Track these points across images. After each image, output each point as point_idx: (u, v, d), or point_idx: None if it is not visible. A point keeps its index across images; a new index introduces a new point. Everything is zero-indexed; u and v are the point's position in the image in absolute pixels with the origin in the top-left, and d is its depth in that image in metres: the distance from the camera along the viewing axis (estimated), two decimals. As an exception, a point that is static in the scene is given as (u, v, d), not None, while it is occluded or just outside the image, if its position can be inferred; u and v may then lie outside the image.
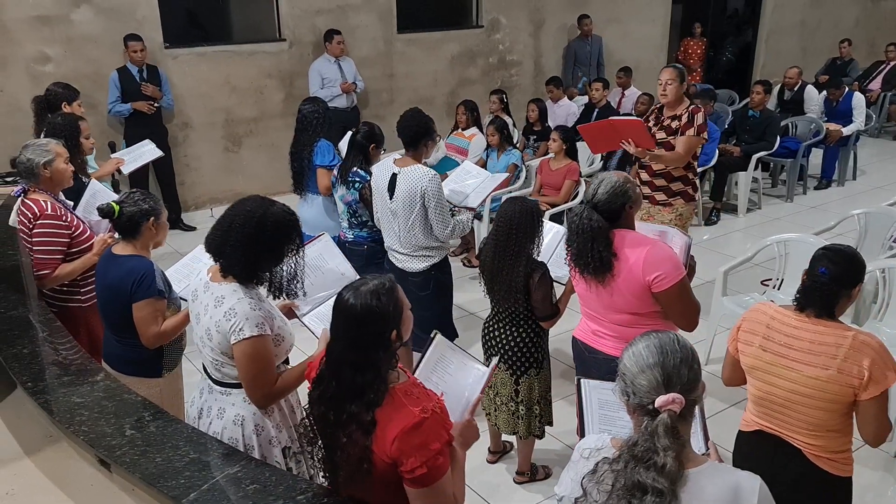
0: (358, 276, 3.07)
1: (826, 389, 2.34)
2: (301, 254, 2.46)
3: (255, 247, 2.34)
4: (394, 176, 3.82)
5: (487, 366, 2.34)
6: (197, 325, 2.48)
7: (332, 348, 1.90)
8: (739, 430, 2.68)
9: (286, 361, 2.58)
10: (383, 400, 1.83)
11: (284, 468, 2.50)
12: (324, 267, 3.06)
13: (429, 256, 3.90)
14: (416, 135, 3.83)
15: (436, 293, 3.97)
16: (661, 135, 4.76)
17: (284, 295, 2.46)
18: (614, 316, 2.92)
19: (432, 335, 2.42)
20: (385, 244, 4.05)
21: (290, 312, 2.81)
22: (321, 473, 1.99)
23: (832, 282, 2.38)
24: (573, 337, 3.21)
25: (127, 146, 5.80)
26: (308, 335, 2.87)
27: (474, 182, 4.31)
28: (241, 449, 2.44)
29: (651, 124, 4.88)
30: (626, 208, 2.85)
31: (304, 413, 1.98)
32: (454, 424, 1.99)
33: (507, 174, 5.71)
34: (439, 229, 3.80)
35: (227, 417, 2.47)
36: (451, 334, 4.17)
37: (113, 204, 2.86)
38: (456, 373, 2.32)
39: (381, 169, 3.94)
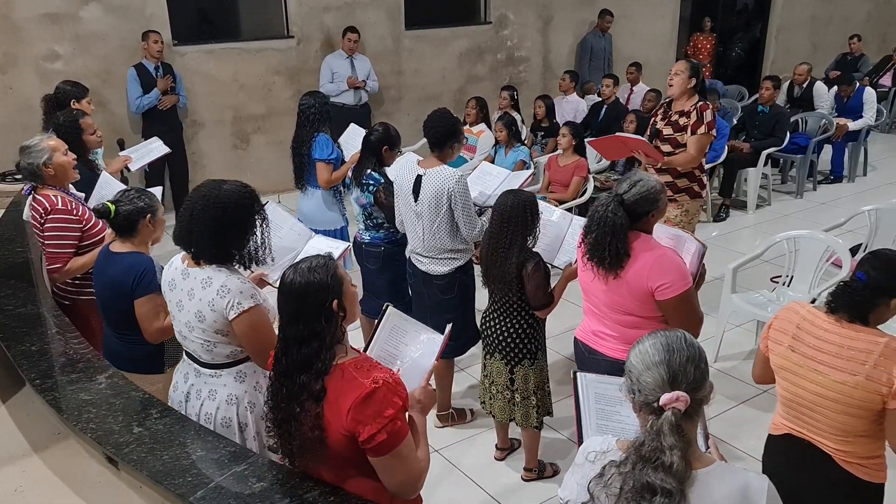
0: (310, 232, 3.22)
1: (853, 395, 2.26)
2: (266, 223, 2.51)
3: (220, 228, 2.39)
4: (419, 178, 3.76)
5: (443, 334, 2.39)
6: (179, 312, 2.51)
7: (280, 326, 2.01)
8: (769, 434, 2.62)
9: None
10: (330, 368, 1.93)
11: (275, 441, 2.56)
12: (279, 232, 3.15)
13: (453, 259, 3.85)
14: (444, 135, 3.76)
15: (460, 295, 3.93)
16: (668, 130, 4.72)
17: (255, 264, 2.51)
18: (617, 316, 2.89)
19: (384, 307, 2.49)
20: (409, 247, 4.01)
21: (261, 283, 2.91)
22: (279, 448, 2.06)
23: (867, 288, 2.29)
24: (574, 338, 3.18)
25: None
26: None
27: (496, 181, 4.27)
28: (236, 427, 2.52)
29: (658, 118, 4.84)
30: (650, 215, 2.80)
31: (267, 395, 2.07)
32: (412, 391, 2.08)
33: (531, 171, 5.67)
34: (467, 230, 3.75)
35: (220, 398, 2.53)
36: (475, 336, 4.14)
37: (108, 203, 2.85)
38: (411, 343, 2.41)
39: (405, 171, 3.88)
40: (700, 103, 4.64)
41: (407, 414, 2.01)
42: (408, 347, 2.40)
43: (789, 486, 2.45)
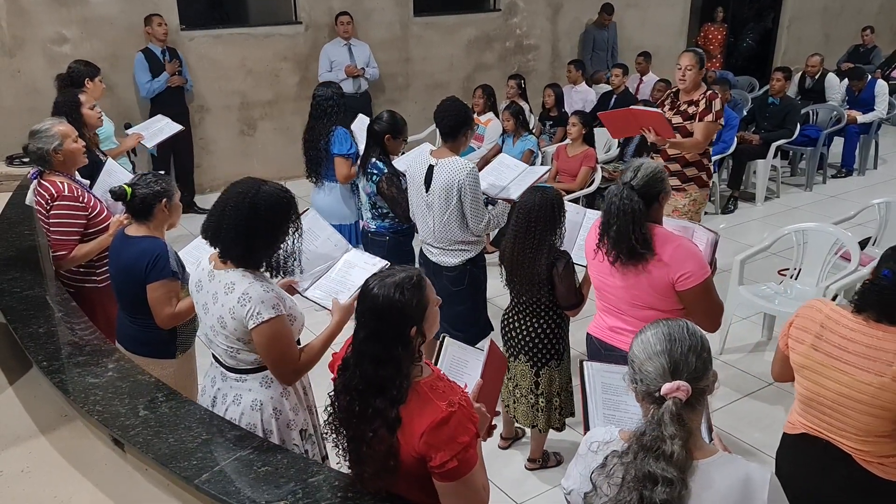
0: (347, 244, 3.11)
1: (878, 396, 2.19)
2: (299, 231, 2.41)
3: (250, 229, 2.30)
4: (430, 168, 3.72)
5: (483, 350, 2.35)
6: (205, 315, 2.43)
7: (356, 336, 1.87)
8: (784, 433, 2.56)
9: (297, 342, 2.56)
10: (406, 397, 1.80)
11: (301, 450, 2.50)
12: (315, 241, 3.07)
13: (464, 251, 3.81)
14: (456, 124, 3.71)
15: (470, 288, 3.90)
16: (676, 119, 4.70)
17: (282, 273, 2.42)
18: (637, 312, 2.83)
19: (440, 339, 2.41)
20: (420, 237, 3.98)
21: (290, 290, 2.78)
22: (346, 464, 1.96)
23: (894, 286, 2.22)
24: (588, 334, 3.12)
25: None
26: (316, 315, 2.89)
27: (512, 174, 4.23)
28: (260, 433, 2.41)
29: (666, 108, 4.82)
30: (659, 197, 2.77)
31: (330, 400, 1.94)
32: None
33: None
34: (474, 223, 3.72)
35: (245, 403, 2.45)
36: (486, 328, 4.11)
37: (125, 186, 2.84)
38: (472, 371, 2.34)
39: (418, 161, 3.84)
40: (709, 92, 4.64)
41: None
42: (471, 376, 2.31)
43: (807, 485, 2.43)
